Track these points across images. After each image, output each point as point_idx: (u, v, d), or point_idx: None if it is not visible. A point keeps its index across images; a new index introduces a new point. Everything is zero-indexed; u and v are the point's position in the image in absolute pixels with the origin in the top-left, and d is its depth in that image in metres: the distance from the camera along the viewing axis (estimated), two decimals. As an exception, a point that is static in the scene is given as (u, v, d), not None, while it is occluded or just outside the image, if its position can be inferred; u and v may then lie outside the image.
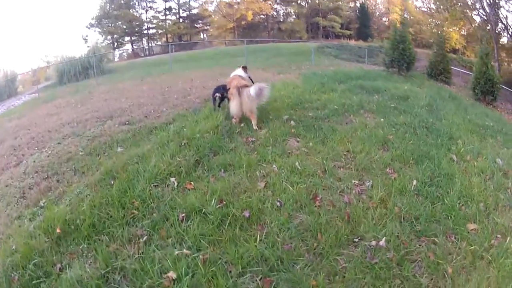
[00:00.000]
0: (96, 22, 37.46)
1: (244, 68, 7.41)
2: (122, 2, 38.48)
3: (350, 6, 41.75)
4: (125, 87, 14.28)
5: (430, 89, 14.98)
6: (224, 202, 3.84)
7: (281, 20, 41.92)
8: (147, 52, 38.96)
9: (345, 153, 5.55)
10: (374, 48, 27.89)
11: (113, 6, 38.17)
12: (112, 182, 4.35)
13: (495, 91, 17.07)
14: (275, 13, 42.29)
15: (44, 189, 4.90)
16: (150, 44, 40.20)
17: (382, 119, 7.60)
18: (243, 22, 40.77)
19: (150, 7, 40.03)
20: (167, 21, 40.80)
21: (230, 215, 3.65)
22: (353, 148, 5.70)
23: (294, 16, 41.47)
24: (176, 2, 41.10)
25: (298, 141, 5.96)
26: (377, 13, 43.62)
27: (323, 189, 4.42)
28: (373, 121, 7.47)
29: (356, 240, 3.54)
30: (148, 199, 3.96)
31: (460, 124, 8.68)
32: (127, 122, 7.47)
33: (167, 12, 40.84)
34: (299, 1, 41.82)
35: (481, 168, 5.51)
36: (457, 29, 34.72)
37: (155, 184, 4.29)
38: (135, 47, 39.80)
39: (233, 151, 5.28)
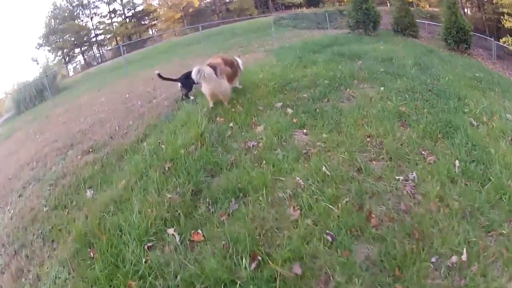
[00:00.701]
0: (44, 41, 36.56)
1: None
2: (66, 14, 37.61)
3: None
4: (82, 102, 12.72)
5: (406, 46, 14.37)
6: (259, 257, 2.65)
7: (228, 0, 40.88)
8: (100, 60, 37.69)
9: (367, 139, 4.59)
10: (331, 12, 26.81)
11: (57, 20, 37.22)
12: (92, 254, 3.05)
13: (468, 39, 16.94)
14: None
15: (16, 274, 3.54)
16: (101, 51, 38.86)
17: (381, 88, 6.75)
18: (190, 10, 39.50)
19: (95, 13, 39.30)
20: (114, 24, 39.92)
21: (277, 277, 2.49)
22: (374, 131, 4.75)
23: None
24: (120, 2, 39.72)
25: (306, 134, 4.85)
26: None
27: (370, 198, 3.39)
28: (374, 92, 6.56)
29: (434, 260, 2.73)
30: (148, 274, 2.68)
31: (457, 80, 8.23)
32: (90, 150, 6.09)
33: (112, 15, 40.11)
34: None
35: (501, 129, 5.15)
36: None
37: (150, 244, 2.98)
38: (86, 57, 38.61)
39: (235, 166, 4.06)
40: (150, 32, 41.45)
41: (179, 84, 6.99)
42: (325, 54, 10.28)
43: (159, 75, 6.85)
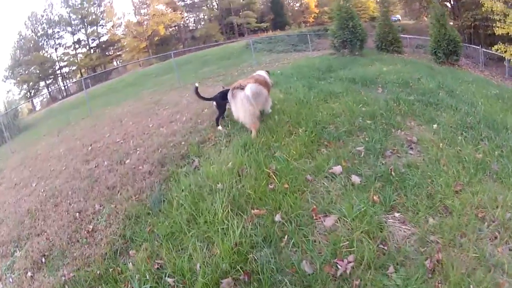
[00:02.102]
0: (10, 73, 35.79)
1: (267, 72, 6.06)
2: (31, 45, 36.68)
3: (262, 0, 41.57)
4: (39, 152, 10.28)
5: (405, 65, 13.19)
6: None
7: (193, 27, 40.92)
8: (65, 93, 36.41)
9: (479, 215, 3.23)
10: (305, 33, 25.70)
11: (22, 51, 36.35)
12: None
13: (458, 51, 16.27)
14: (186, 22, 40.59)
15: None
16: (65, 84, 37.05)
17: (434, 125, 5.48)
18: (156, 38, 38.09)
19: (59, 44, 38.61)
20: (78, 55, 39.19)
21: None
22: (476, 200, 3.38)
23: (207, 20, 39.69)
24: (84, 32, 39.00)
25: (403, 222, 3.16)
26: (288, 0, 43.70)
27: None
28: (429, 132, 5.23)
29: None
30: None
31: (488, 104, 7.48)
32: (43, 257, 3.89)
33: (77, 46, 39.42)
34: (208, 5, 40.85)
35: None
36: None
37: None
38: (51, 90, 37.27)
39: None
40: (115, 63, 40.09)
41: (214, 103, 6.04)
42: (334, 83, 8.62)
43: (197, 90, 6.00)
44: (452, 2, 23.85)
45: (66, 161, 7.33)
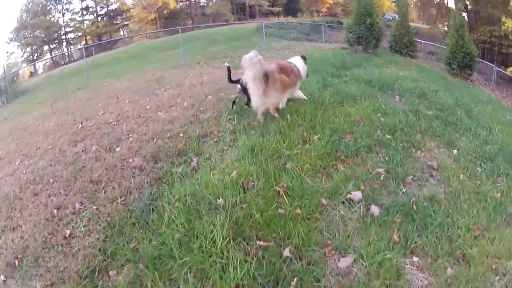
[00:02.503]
0: (15, 35, 34.45)
1: (304, 58, 5.70)
2: (39, 9, 35.38)
3: None
4: (30, 123, 9.71)
5: (421, 72, 12.77)
6: None
7: (205, 4, 39.12)
8: (67, 59, 34.90)
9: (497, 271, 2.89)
10: (318, 23, 24.92)
11: (30, 15, 35.08)
12: None
13: (473, 65, 15.68)
14: None
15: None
16: (69, 50, 36.03)
17: (454, 151, 5.11)
18: (165, 11, 36.98)
19: (67, 9, 36.97)
20: (85, 22, 37.63)
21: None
22: (494, 249, 3.07)
23: None
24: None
25: (421, 269, 2.81)
26: None
27: None
28: (448, 157, 4.86)
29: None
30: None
31: (504, 131, 6.90)
32: (16, 259, 3.39)
33: (84, 12, 37.86)
34: None
35: None
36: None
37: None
38: (54, 55, 35.90)
39: None
40: (122, 32, 39.05)
41: (238, 86, 5.49)
42: (350, 83, 8.05)
43: (229, 70, 5.57)
44: (469, 14, 23.05)
45: (53, 139, 6.73)
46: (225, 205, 3.14)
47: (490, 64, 19.63)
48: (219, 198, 3.23)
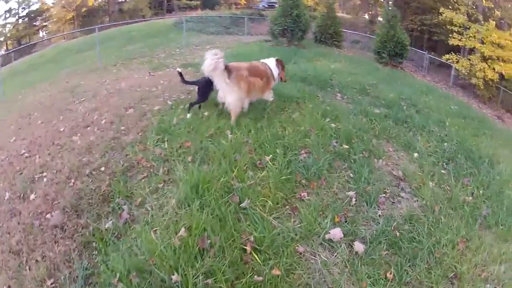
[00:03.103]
0: None
1: (278, 61, 5.46)
2: None
3: None
4: None
5: (351, 63, 12.81)
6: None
7: (122, 0, 38.00)
8: None
9: None
10: (238, 16, 24.40)
11: None
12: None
13: (404, 53, 16.23)
14: None
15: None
16: None
17: (415, 154, 4.96)
18: (83, 9, 34.32)
19: None
20: (7, 26, 35.47)
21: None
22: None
23: None
24: (16, 0, 35.04)
25: None
26: None
27: None
28: (410, 162, 4.75)
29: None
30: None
31: (456, 124, 7.04)
32: None
33: (7, 15, 35.71)
34: None
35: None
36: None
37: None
38: None
39: None
40: (40, 34, 36.35)
41: (196, 88, 5.31)
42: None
43: (181, 75, 5.25)
44: (398, 3, 24.13)
45: None
46: (183, 283, 2.38)
47: (419, 51, 20.68)
48: (173, 274, 2.44)
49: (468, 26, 18.42)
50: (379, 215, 3.36)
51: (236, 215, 3.00)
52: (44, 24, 36.69)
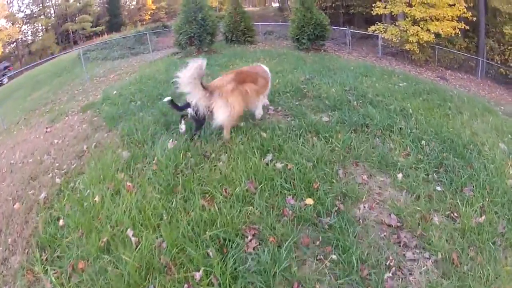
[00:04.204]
0: None
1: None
2: None
3: (98, 1, 37.80)
4: None
5: (273, 60, 11.06)
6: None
7: (31, 41, 34.74)
8: None
9: None
10: (143, 33, 22.51)
11: None
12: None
13: (325, 35, 15.25)
14: (25, 36, 34.81)
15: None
16: None
17: (399, 175, 3.75)
18: None
19: None
20: None
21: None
22: None
23: (44, 31, 35.12)
24: None
25: None
26: None
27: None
28: (403, 193, 3.51)
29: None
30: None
31: (420, 109, 5.93)
32: None
33: None
34: (46, 13, 35.47)
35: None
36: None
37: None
38: None
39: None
40: None
41: (189, 110, 4.30)
42: None
43: (172, 103, 4.41)
44: None
45: None
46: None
47: (337, 28, 19.89)
48: None
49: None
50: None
51: None
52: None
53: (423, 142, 4.49)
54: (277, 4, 36.20)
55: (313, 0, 15.24)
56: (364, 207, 3.14)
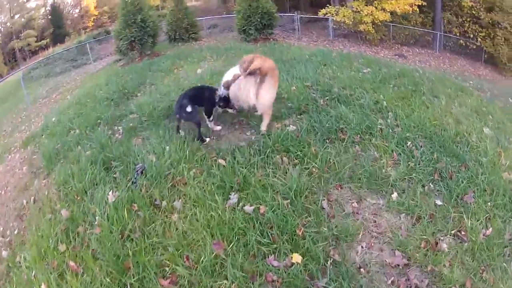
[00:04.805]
0: None
1: None
2: None
3: (41, 13, 35.71)
4: None
5: (219, 58, 10.01)
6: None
7: None
8: None
9: None
10: (84, 42, 21.08)
11: None
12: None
13: (273, 23, 14.71)
14: None
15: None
16: None
17: (393, 195, 3.23)
18: None
19: None
20: None
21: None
22: None
23: None
24: None
25: None
26: (68, 7, 38.30)
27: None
28: (402, 218, 3.04)
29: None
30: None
31: (392, 99, 5.32)
32: None
33: None
34: None
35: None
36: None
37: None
38: None
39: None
40: None
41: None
42: (141, 129, 4.92)
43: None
44: None
45: None
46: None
47: (283, 14, 19.01)
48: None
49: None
50: None
51: None
52: None
53: (409, 143, 3.96)
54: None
55: None
56: (362, 247, 2.58)
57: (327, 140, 3.95)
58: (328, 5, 17.19)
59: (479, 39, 17.81)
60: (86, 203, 3.42)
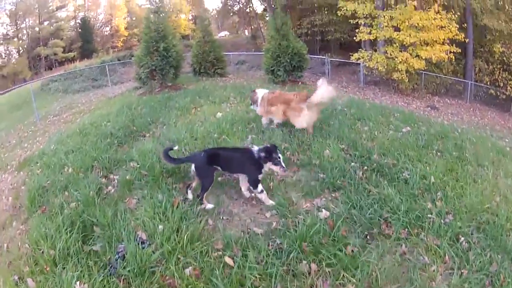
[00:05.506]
0: None
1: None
2: None
3: (71, 25, 37.34)
4: None
5: (243, 97, 9.39)
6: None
7: (3, 64, 33.55)
8: None
9: None
10: (108, 62, 21.22)
11: None
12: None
13: (304, 65, 13.99)
14: None
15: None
16: None
17: None
18: None
19: None
20: None
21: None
22: None
23: (16, 55, 34.35)
24: None
25: None
26: (98, 24, 39.94)
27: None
28: None
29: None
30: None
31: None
32: None
33: None
34: (20, 35, 34.83)
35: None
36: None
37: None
38: None
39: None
40: None
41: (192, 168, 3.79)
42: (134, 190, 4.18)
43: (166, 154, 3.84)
44: (284, 10, 22.71)
45: None
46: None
47: (314, 56, 18.80)
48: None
49: (375, 15, 16.60)
50: None
51: None
52: None
53: (462, 239, 3.19)
54: (247, 33, 35.65)
55: (289, 26, 13.81)
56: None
57: (367, 237, 3.11)
58: (360, 49, 16.60)
59: (508, 88, 17.33)
60: (55, 279, 2.72)
